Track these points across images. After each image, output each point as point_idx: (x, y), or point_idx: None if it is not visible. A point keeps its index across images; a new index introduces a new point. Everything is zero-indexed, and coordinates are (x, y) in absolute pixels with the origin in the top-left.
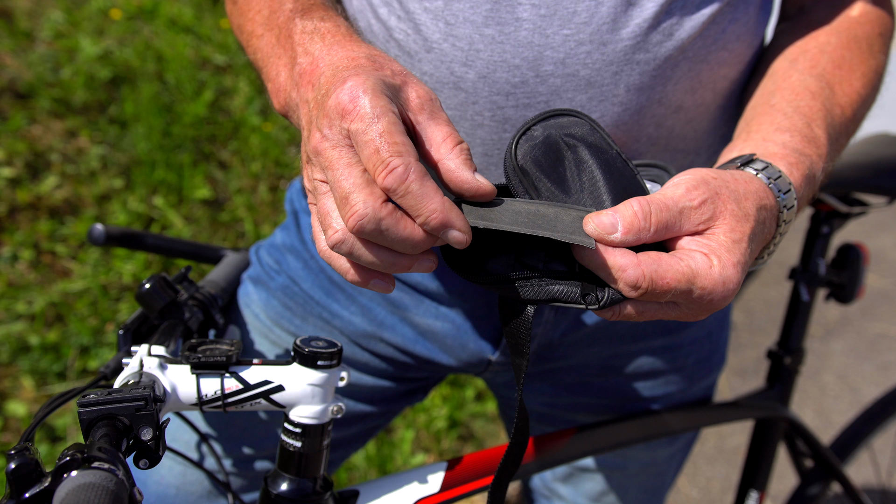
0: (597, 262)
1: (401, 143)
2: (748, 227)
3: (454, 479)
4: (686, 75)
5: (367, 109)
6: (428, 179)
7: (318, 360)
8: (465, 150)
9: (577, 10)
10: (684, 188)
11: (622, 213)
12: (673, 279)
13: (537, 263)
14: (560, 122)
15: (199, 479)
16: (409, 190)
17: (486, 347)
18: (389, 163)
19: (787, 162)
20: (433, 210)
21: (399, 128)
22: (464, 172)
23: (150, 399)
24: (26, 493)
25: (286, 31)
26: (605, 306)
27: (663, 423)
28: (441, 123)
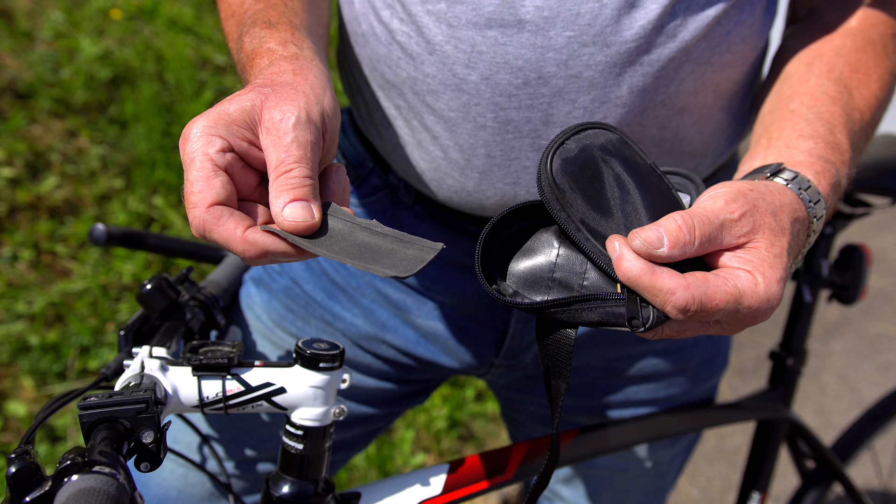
0: (643, 284)
1: (199, 190)
2: (786, 241)
3: (456, 482)
4: (689, 77)
5: (185, 155)
6: (225, 223)
7: (320, 362)
8: (287, 180)
9: (581, 12)
10: (723, 201)
11: (666, 228)
12: (722, 300)
13: (576, 282)
14: (593, 134)
15: (201, 482)
16: (212, 238)
17: (489, 350)
18: (189, 213)
19: (815, 171)
20: (242, 251)
21: (204, 172)
22: (274, 206)
23: (151, 402)
24: (26, 497)
25: (240, 60)
26: (650, 328)
27: (665, 424)
28: (279, 148)
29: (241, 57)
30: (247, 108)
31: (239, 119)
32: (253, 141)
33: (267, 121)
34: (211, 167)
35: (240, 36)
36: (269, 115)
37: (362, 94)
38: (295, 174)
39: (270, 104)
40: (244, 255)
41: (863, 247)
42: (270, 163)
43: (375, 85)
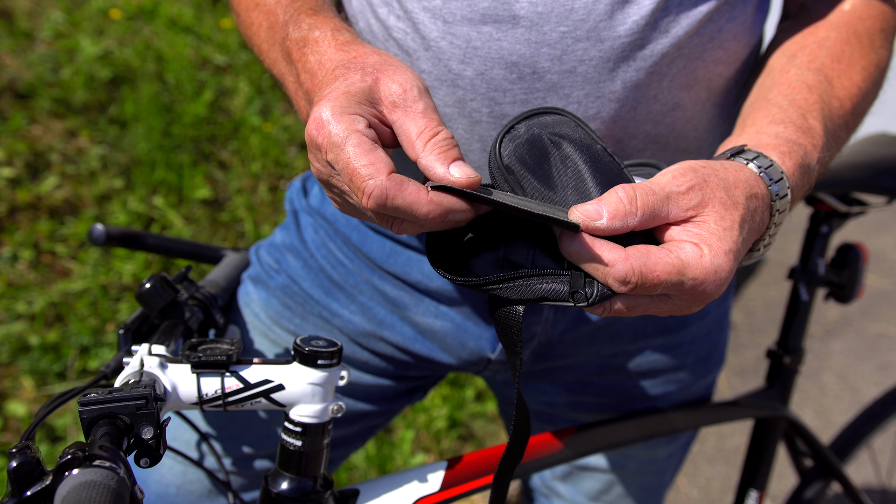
0: (584, 258)
1: (369, 162)
2: (738, 215)
3: (454, 479)
4: (681, 72)
5: (333, 138)
6: (408, 188)
7: (319, 359)
8: (438, 144)
9: (574, 7)
10: (671, 175)
11: (606, 200)
12: (663, 272)
13: (525, 261)
14: (544, 119)
15: (200, 478)
16: (395, 206)
17: (486, 346)
18: (364, 188)
19: (780, 151)
20: (426, 213)
21: (365, 147)
22: (436, 170)
23: (150, 398)
24: (28, 491)
25: (285, 47)
26: (594, 303)
27: (663, 422)
28: (415, 116)
29: (286, 45)
30: (364, 88)
31: (363, 98)
32: (380, 118)
33: (389, 95)
34: (369, 142)
35: (283, 24)
36: (387, 90)
37: None
38: (443, 136)
39: (386, 80)
40: (428, 216)
41: (859, 245)
42: (410, 133)
43: None
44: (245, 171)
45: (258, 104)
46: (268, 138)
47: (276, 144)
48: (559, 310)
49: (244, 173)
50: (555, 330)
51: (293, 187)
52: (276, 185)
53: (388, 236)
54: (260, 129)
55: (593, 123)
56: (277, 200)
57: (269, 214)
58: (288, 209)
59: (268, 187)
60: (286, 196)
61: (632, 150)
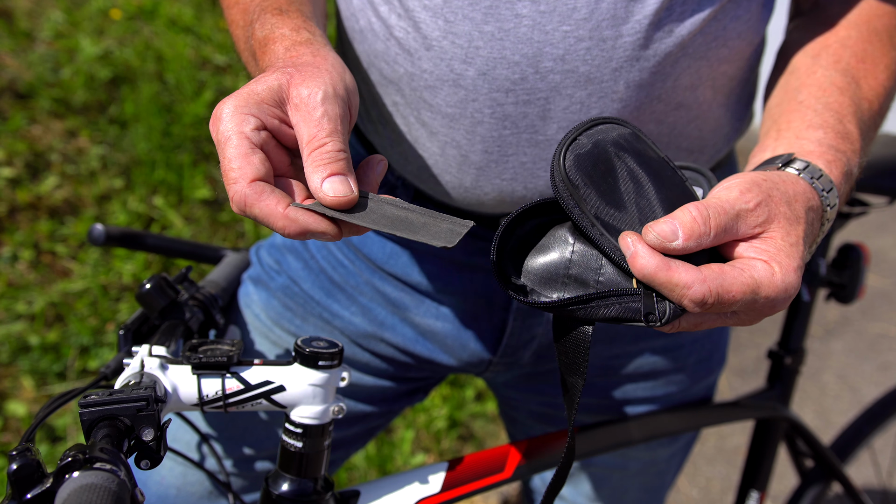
0: (659, 280)
1: (238, 167)
2: (801, 230)
3: (455, 480)
4: (686, 72)
5: (219, 135)
6: (266, 199)
7: (319, 360)
8: (321, 155)
9: (577, 7)
10: (738, 191)
11: (681, 220)
12: (739, 292)
13: (591, 277)
14: (605, 129)
15: (200, 480)
16: (253, 214)
17: (487, 347)
18: (229, 190)
19: (826, 160)
20: (282, 227)
21: (241, 150)
22: (312, 182)
23: (151, 399)
24: (28, 493)
25: (250, 47)
26: (666, 323)
27: (664, 423)
28: (309, 122)
29: (251, 44)
30: (274, 87)
31: (268, 98)
32: (283, 119)
33: (295, 97)
34: (248, 144)
35: (249, 23)
36: (296, 91)
37: (359, 90)
38: (329, 148)
39: (297, 82)
40: (284, 231)
41: (860, 246)
42: (302, 138)
43: (373, 81)
44: None
45: None
46: None
47: None
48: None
49: None
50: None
51: None
52: None
53: (388, 237)
54: None
55: None
56: None
57: None
58: None
59: None
60: None
61: None
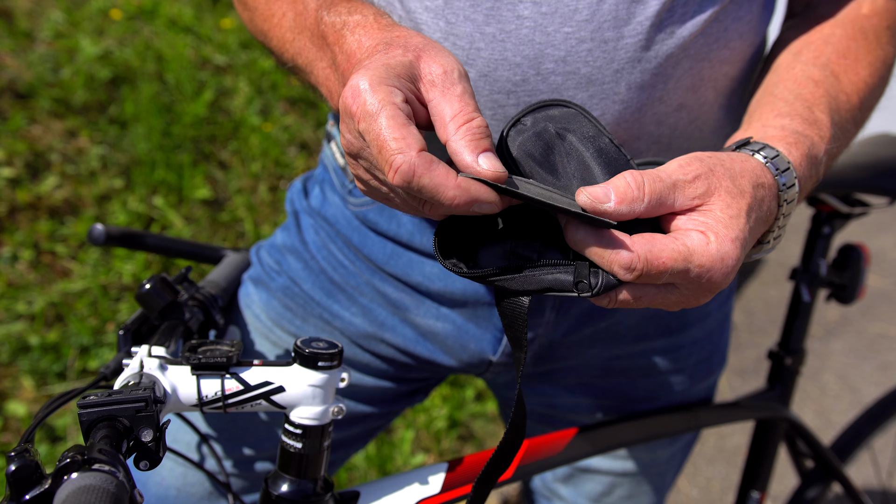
0: (588, 245)
1: (400, 136)
2: (744, 203)
3: (455, 480)
4: (687, 73)
5: (367, 107)
6: (436, 168)
7: (319, 361)
8: (471, 130)
9: (579, 8)
10: (677, 164)
11: (614, 184)
12: (669, 258)
13: (532, 254)
14: (550, 112)
15: (200, 481)
16: (421, 185)
17: (487, 348)
18: (392, 162)
19: (786, 142)
20: (452, 197)
21: (399, 120)
22: (464, 156)
23: (150, 400)
24: (26, 495)
25: (318, 32)
26: (598, 293)
27: (664, 423)
28: (451, 99)
29: (321, 29)
30: (405, 63)
31: (403, 73)
32: (417, 95)
33: (428, 74)
34: (403, 116)
35: (314, 10)
36: (429, 68)
37: None
38: (478, 123)
39: (427, 59)
40: (453, 201)
41: (861, 246)
42: (444, 114)
43: None
44: (245, 171)
45: (258, 104)
46: (268, 138)
47: (276, 144)
48: (561, 312)
49: (244, 173)
50: (556, 332)
51: (294, 188)
52: (276, 185)
53: (389, 238)
54: (260, 129)
55: None
56: (277, 200)
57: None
58: (289, 210)
59: (268, 187)
60: (287, 197)
61: (635, 151)
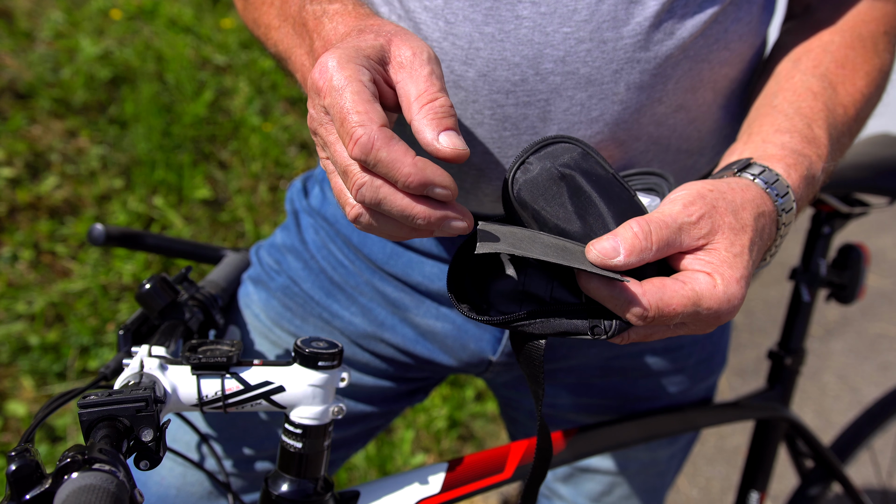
0: (602, 295)
1: (363, 111)
2: (747, 239)
3: (455, 480)
4: (687, 74)
5: (334, 82)
6: (395, 144)
7: (319, 360)
8: (433, 109)
9: (578, 8)
10: (681, 204)
11: (622, 236)
12: (679, 304)
13: (543, 293)
14: (554, 150)
15: (200, 480)
16: (378, 158)
17: (487, 348)
18: (353, 133)
19: (785, 164)
20: (407, 174)
21: (364, 95)
22: (426, 134)
23: (150, 400)
24: (27, 494)
25: (300, 19)
26: (612, 336)
27: (664, 423)
28: (417, 79)
29: (302, 16)
30: (377, 46)
31: (373, 54)
32: (386, 78)
33: (398, 56)
34: (368, 93)
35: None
36: (399, 51)
37: None
38: (442, 102)
39: (398, 42)
40: (407, 178)
41: (861, 246)
42: (410, 95)
43: None
44: (245, 171)
45: (258, 104)
46: (268, 138)
47: (276, 144)
48: None
49: (244, 173)
50: None
51: (294, 188)
52: (276, 185)
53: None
54: (260, 129)
55: (596, 126)
56: (277, 200)
57: (269, 214)
58: (288, 210)
59: (268, 187)
60: (287, 196)
61: (634, 152)
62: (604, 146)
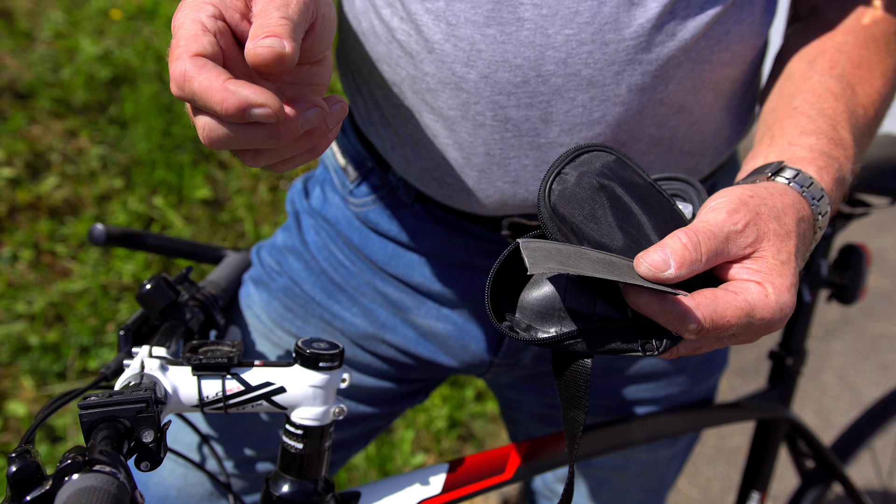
0: (654, 310)
1: (183, 45)
2: (792, 245)
3: (456, 481)
4: (688, 76)
5: (176, 21)
6: (207, 71)
7: (320, 361)
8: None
9: (579, 10)
10: (725, 212)
11: (671, 248)
12: (733, 316)
13: (585, 310)
14: (588, 158)
15: (201, 481)
16: (192, 90)
17: (488, 349)
18: (172, 70)
19: (817, 166)
20: (221, 99)
21: (190, 31)
22: (248, 46)
23: (151, 401)
24: (27, 496)
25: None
26: (664, 351)
27: (665, 424)
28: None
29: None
30: None
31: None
32: (245, 14)
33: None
34: (200, 27)
35: None
36: None
37: (361, 93)
38: (273, 16)
39: None
40: (222, 105)
41: (862, 247)
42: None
43: (375, 84)
44: (245, 171)
45: None
46: None
47: None
48: None
49: (244, 173)
50: None
51: (294, 188)
52: (276, 185)
53: (389, 238)
54: None
55: (598, 127)
56: (277, 200)
57: (269, 214)
58: (289, 210)
59: (268, 187)
60: (287, 197)
61: (635, 153)
62: None
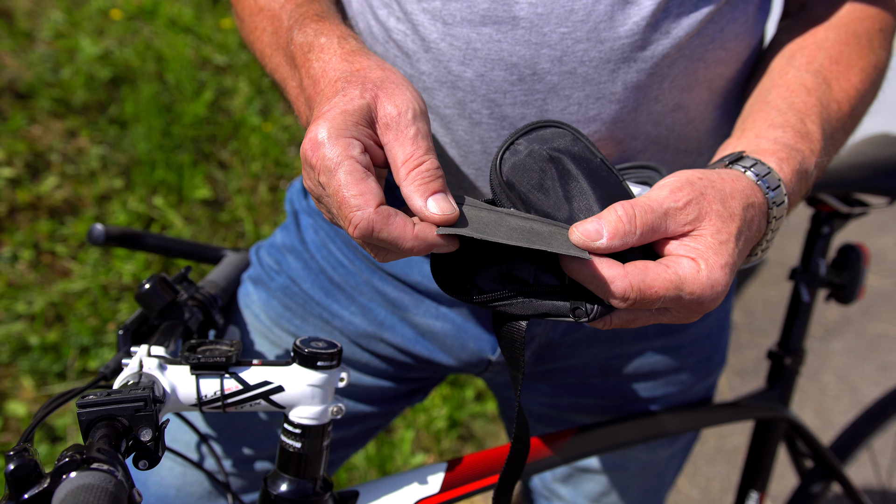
0: (584, 275)
1: (358, 193)
2: (734, 227)
3: (454, 480)
4: (682, 73)
5: (326, 161)
6: (394, 221)
7: (318, 360)
8: (420, 174)
9: (574, 8)
10: (668, 190)
11: (606, 219)
12: (661, 288)
13: (527, 276)
14: (543, 134)
15: (199, 480)
16: (380, 238)
17: (486, 348)
18: (351, 219)
19: (777, 157)
20: (410, 247)
21: (357, 175)
22: (415, 202)
23: (149, 400)
24: (25, 494)
25: (289, 52)
26: (594, 318)
27: (663, 423)
28: (404, 142)
29: (290, 49)
30: (363, 106)
31: (361, 119)
32: (374, 138)
33: (384, 116)
34: (361, 170)
35: (286, 28)
36: (384, 110)
37: None
38: (427, 166)
39: (384, 99)
40: (412, 251)
41: (860, 246)
42: (397, 158)
43: None
44: (245, 171)
45: (258, 104)
46: (268, 138)
47: (276, 144)
48: None
49: (244, 173)
50: (555, 332)
51: (293, 188)
52: (276, 185)
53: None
54: (260, 129)
55: (594, 125)
56: (277, 200)
57: (269, 214)
58: (288, 210)
59: (268, 187)
60: (286, 197)
61: (632, 151)
62: (602, 145)
